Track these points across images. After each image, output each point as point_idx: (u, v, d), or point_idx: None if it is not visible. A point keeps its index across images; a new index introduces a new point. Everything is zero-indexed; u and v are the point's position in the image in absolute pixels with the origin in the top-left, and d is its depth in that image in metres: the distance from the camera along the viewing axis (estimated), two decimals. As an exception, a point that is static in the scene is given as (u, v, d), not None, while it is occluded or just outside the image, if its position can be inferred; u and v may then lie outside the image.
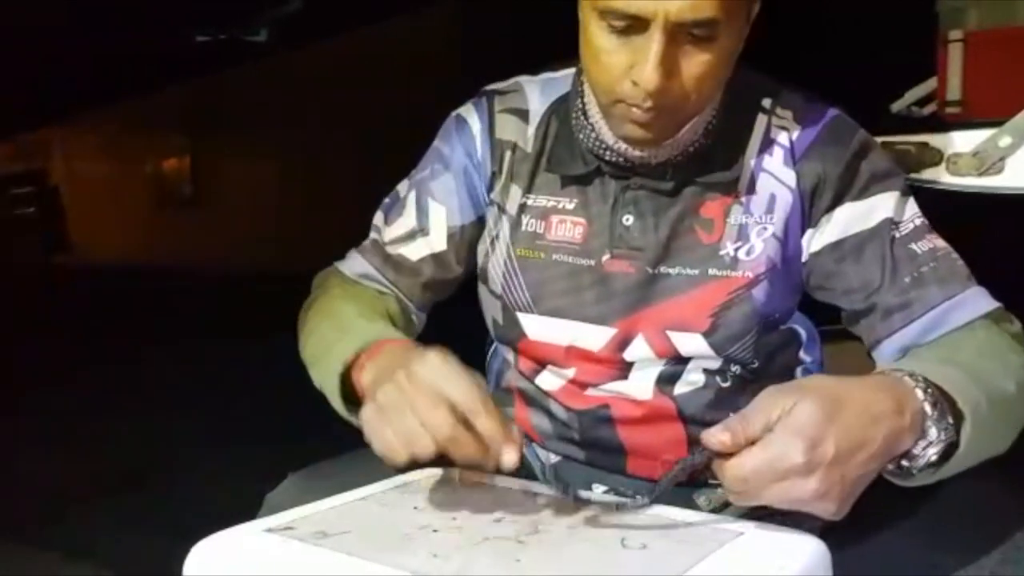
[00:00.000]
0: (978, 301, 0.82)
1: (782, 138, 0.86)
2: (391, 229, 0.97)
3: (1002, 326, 0.81)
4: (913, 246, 0.83)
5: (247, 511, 0.83)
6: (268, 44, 7.11)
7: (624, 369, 0.89)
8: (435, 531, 0.69)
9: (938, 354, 0.77)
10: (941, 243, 0.85)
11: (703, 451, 0.67)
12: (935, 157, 1.31)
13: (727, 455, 0.64)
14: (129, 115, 11.41)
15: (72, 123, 12.47)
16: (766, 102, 0.88)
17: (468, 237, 0.96)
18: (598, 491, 0.93)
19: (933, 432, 0.66)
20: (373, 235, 0.99)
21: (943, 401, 0.67)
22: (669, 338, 0.87)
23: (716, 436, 0.65)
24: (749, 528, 0.70)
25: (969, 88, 1.45)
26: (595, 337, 0.88)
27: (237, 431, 3.05)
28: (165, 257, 10.84)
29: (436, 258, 0.96)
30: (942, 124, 1.46)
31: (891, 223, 0.84)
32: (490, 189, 0.95)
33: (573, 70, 0.93)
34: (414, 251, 0.96)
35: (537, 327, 0.91)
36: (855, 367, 0.83)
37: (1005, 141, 1.25)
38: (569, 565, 0.62)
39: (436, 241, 0.96)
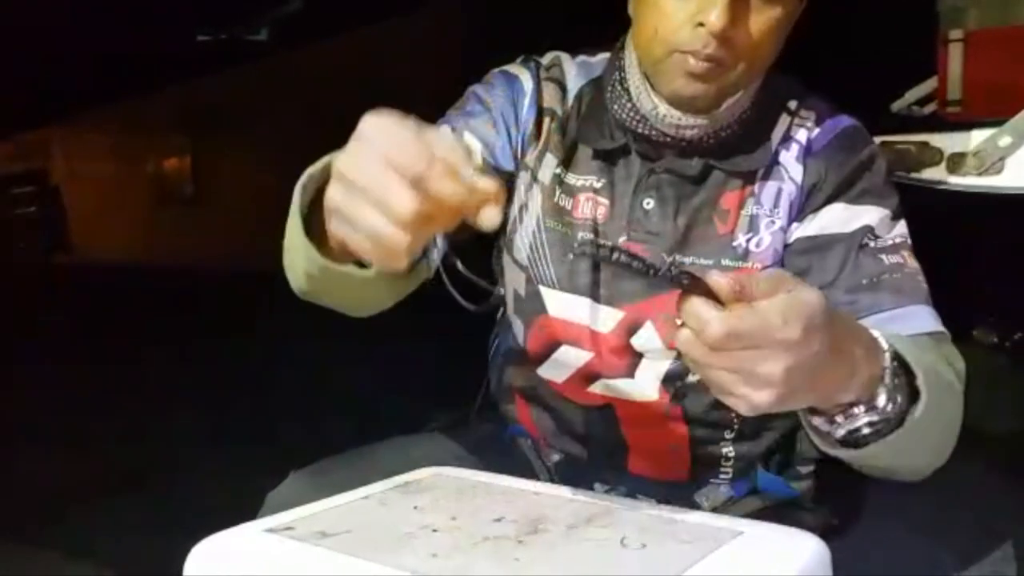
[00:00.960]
0: (926, 319, 0.80)
1: (800, 136, 0.89)
2: None
3: (943, 350, 0.79)
4: (883, 256, 0.83)
5: (248, 511, 0.83)
6: (268, 44, 7.11)
7: (633, 360, 0.88)
8: (435, 531, 0.69)
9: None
10: (914, 263, 0.84)
11: (690, 278, 0.58)
12: (935, 156, 1.30)
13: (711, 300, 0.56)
14: (129, 114, 11.41)
15: (73, 122, 12.46)
16: (792, 104, 0.90)
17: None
18: (599, 490, 0.93)
19: (882, 400, 0.63)
20: None
21: (903, 376, 0.64)
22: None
23: (720, 278, 0.56)
24: (749, 527, 0.70)
25: (969, 88, 1.44)
26: (605, 319, 0.88)
27: (237, 430, 3.05)
28: (165, 257, 10.83)
29: None
30: (942, 123, 1.46)
31: (869, 231, 0.84)
32: (524, 153, 0.92)
33: (608, 55, 0.94)
34: None
35: (558, 303, 0.90)
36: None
37: (1005, 141, 1.25)
38: (568, 565, 0.62)
39: None
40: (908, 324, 0.79)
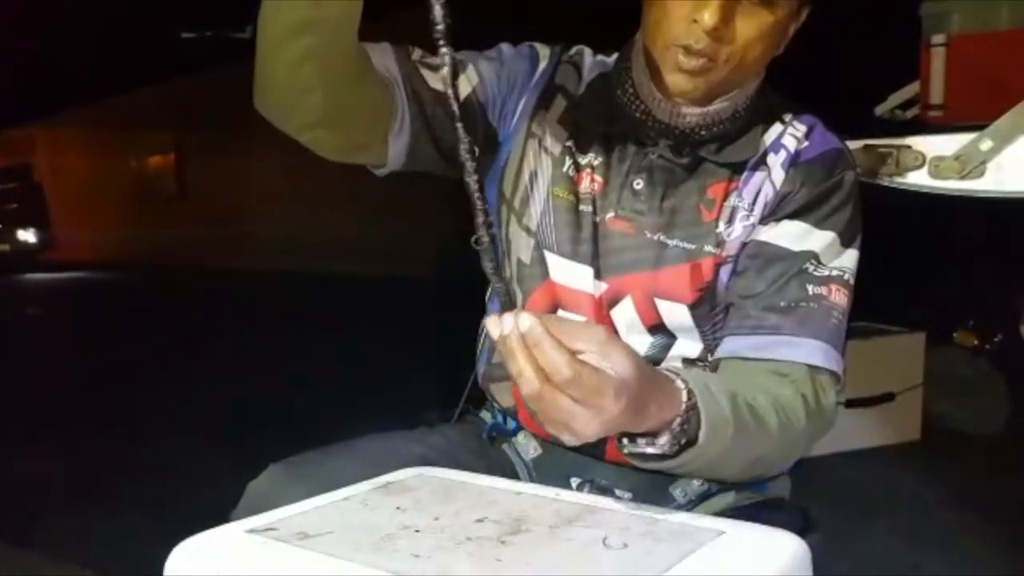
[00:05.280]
0: (812, 352, 0.85)
1: (790, 144, 0.93)
2: (423, 55, 0.92)
3: (816, 384, 0.84)
4: (810, 286, 0.87)
5: (231, 512, 0.83)
6: (254, 42, 7.09)
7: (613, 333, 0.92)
8: (417, 531, 0.69)
9: (729, 385, 0.80)
10: (841, 302, 0.88)
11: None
12: (917, 160, 1.32)
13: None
14: (113, 112, 11.34)
15: (56, 120, 12.37)
16: (787, 116, 0.95)
17: (478, 124, 0.94)
18: (575, 483, 0.94)
19: (663, 439, 0.70)
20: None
21: (693, 428, 0.71)
22: (656, 306, 0.91)
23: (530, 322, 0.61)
24: (730, 527, 0.70)
25: (952, 92, 1.46)
26: (598, 288, 0.92)
27: (220, 429, 3.04)
28: (148, 254, 10.78)
29: (446, 103, 0.90)
30: (925, 127, 1.47)
31: (812, 257, 0.88)
32: (531, 119, 0.96)
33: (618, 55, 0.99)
34: (433, 79, 0.90)
35: (560, 268, 0.94)
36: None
37: (986, 145, 1.26)
38: (550, 565, 0.63)
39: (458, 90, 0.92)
40: (791, 352, 0.85)
